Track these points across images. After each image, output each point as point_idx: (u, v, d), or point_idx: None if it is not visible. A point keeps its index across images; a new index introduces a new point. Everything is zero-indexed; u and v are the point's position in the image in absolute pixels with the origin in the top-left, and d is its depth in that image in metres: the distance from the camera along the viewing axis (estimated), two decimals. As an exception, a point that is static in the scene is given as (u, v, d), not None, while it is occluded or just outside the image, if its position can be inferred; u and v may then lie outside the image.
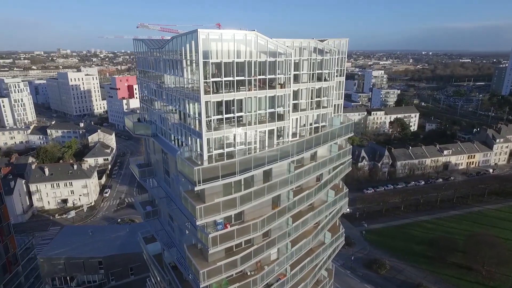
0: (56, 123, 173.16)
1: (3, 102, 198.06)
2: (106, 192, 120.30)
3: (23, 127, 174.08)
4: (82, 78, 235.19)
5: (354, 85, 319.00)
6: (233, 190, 28.94)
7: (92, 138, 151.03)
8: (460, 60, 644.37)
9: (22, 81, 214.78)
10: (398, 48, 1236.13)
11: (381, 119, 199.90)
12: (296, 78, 34.23)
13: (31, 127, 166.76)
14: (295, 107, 35.11)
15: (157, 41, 33.70)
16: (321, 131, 36.45)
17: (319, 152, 37.99)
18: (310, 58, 34.27)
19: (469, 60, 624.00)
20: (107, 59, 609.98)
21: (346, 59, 41.63)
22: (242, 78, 27.11)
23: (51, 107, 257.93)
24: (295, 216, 36.04)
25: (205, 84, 25.89)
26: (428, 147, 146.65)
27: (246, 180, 29.96)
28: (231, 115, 27.52)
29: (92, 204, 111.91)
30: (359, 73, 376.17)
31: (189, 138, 28.87)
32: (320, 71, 35.49)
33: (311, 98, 35.75)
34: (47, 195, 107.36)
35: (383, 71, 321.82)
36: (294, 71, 33.72)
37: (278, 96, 29.84)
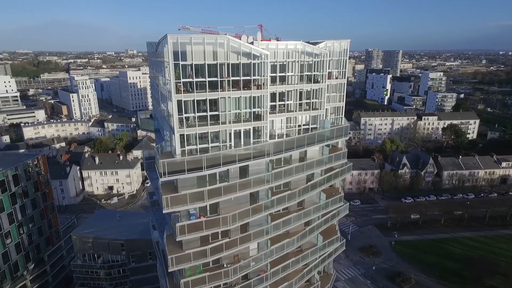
0: (113, 117, 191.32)
1: (72, 97, 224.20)
2: (148, 183, 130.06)
3: (86, 120, 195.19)
4: (139, 77, 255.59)
5: (409, 87, 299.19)
6: (208, 184, 30.76)
7: (141, 132, 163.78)
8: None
9: (89, 78, 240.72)
10: (470, 48, 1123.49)
11: (433, 124, 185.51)
12: (284, 80, 34.81)
13: (92, 120, 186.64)
14: (285, 108, 35.74)
15: (155, 44, 36.71)
16: (310, 132, 36.49)
17: (309, 153, 38.09)
18: (298, 60, 34.52)
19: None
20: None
21: (347, 61, 41.06)
22: (214, 79, 28.73)
23: (112, 102, 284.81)
24: (279, 214, 36.76)
25: (179, 84, 28.07)
26: (483, 157, 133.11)
27: (222, 175, 31.64)
28: (204, 113, 29.30)
29: (134, 192, 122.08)
30: (420, 74, 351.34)
31: (169, 133, 31.33)
32: (310, 73, 35.55)
33: (300, 100, 36.00)
34: (96, 181, 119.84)
35: (442, 73, 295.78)
36: (281, 72, 34.40)
37: (253, 97, 30.85)
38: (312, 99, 36.48)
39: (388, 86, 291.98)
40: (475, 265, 78.05)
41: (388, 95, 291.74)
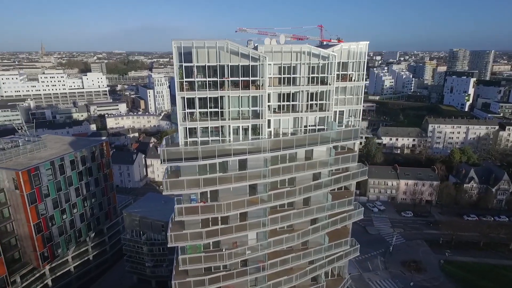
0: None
1: (149, 93, 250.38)
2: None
3: (157, 114, 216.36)
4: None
5: (497, 93, 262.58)
6: (208, 173, 34.10)
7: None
8: None
9: (165, 76, 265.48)
10: None
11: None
12: (291, 81, 36.21)
13: (162, 115, 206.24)
14: (290, 108, 37.21)
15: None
16: (313, 133, 37.24)
17: (316, 153, 38.78)
18: (305, 63, 35.56)
19: None
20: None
21: (366, 63, 40.46)
22: (214, 79, 31.82)
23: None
24: (283, 209, 38.39)
25: (184, 83, 31.88)
26: None
27: (222, 165, 34.72)
28: (205, 110, 32.64)
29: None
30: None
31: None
32: (317, 75, 36.28)
33: (307, 101, 36.99)
34: (158, 169, 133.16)
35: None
36: (287, 74, 35.91)
37: (252, 96, 33.12)
38: (320, 100, 37.13)
39: (471, 91, 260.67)
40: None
41: (470, 101, 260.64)
